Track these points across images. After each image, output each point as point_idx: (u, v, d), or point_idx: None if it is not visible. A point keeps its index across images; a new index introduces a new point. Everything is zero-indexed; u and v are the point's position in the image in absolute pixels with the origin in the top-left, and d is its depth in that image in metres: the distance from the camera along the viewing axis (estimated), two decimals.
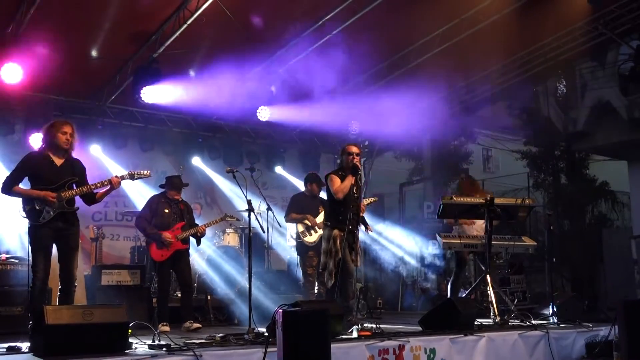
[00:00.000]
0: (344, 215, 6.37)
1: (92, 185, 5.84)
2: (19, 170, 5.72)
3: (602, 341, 6.47)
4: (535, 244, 8.15)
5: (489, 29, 9.15)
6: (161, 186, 7.66)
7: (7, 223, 8.31)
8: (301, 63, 9.69)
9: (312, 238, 8.42)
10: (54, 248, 5.72)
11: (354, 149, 6.70)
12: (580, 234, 13.55)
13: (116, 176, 6.03)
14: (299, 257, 8.73)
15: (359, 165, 6.66)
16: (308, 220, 8.39)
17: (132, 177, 6.33)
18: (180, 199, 7.60)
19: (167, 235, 7.13)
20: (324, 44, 9.23)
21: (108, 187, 5.92)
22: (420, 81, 10.63)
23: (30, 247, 5.61)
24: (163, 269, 7.24)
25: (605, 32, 9.78)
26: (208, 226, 7.85)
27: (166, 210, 7.35)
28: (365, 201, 8.20)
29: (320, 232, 8.20)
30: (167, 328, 6.71)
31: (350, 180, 6.48)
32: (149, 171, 6.53)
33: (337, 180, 6.52)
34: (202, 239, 7.74)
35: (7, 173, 5.92)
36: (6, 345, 4.82)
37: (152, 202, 7.46)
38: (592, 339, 6.60)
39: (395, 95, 11.06)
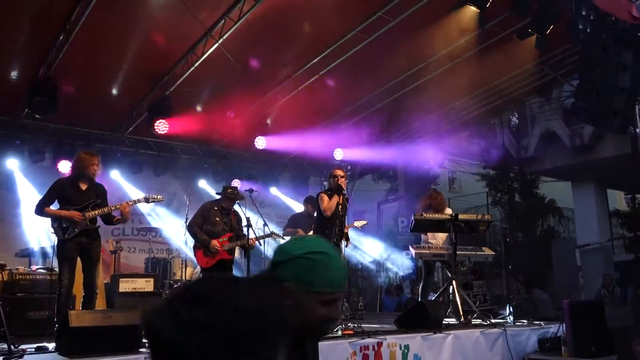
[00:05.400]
0: (330, 230, 6.38)
1: (107, 208, 5.82)
2: (49, 194, 5.72)
3: (552, 337, 6.46)
4: (494, 253, 8.15)
5: (454, 70, 9.23)
6: (218, 193, 7.16)
7: (38, 238, 8.26)
8: (293, 99, 9.72)
9: None
10: (79, 260, 5.69)
11: (339, 172, 6.76)
12: (532, 245, 13.62)
13: (123, 203, 5.93)
14: None
15: (343, 186, 6.67)
16: (298, 234, 8.39)
17: (147, 200, 6.32)
18: (232, 209, 7.04)
19: (215, 243, 6.61)
20: (312, 83, 9.27)
21: (120, 216, 5.89)
22: (395, 114, 10.74)
23: (57, 260, 5.59)
24: (207, 274, 6.64)
25: (551, 72, 9.89)
26: (258, 240, 7.27)
27: (217, 219, 6.82)
28: (357, 224, 8.21)
29: None
30: None
31: (335, 199, 6.50)
32: (162, 196, 6.51)
33: (325, 199, 6.55)
34: None
35: (38, 195, 5.92)
36: (35, 345, 4.75)
37: (204, 209, 6.92)
38: (543, 335, 6.59)
39: (373, 126, 11.16)
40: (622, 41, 7.42)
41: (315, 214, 8.10)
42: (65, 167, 9.21)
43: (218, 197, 7.22)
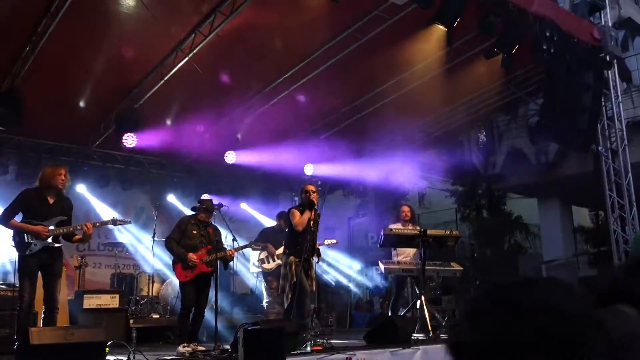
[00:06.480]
0: (301, 245, 6.38)
1: (72, 227, 5.71)
2: (15, 205, 5.58)
3: None
4: (462, 268, 8.25)
5: (422, 88, 9.36)
6: (193, 208, 7.00)
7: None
8: (263, 114, 9.73)
9: (269, 265, 8.39)
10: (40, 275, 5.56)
11: (311, 187, 6.80)
12: (500, 260, 13.79)
13: (88, 225, 5.82)
14: (263, 281, 8.70)
15: (315, 201, 6.68)
16: (268, 250, 8.37)
17: (114, 223, 6.23)
18: (210, 222, 6.89)
19: (192, 256, 6.39)
20: (283, 98, 9.31)
21: (81, 235, 5.78)
22: (365, 131, 10.82)
23: (18, 275, 5.45)
24: (186, 288, 6.46)
25: (516, 91, 10.11)
26: (237, 251, 7.20)
27: (194, 232, 6.63)
28: (327, 242, 8.22)
29: (278, 261, 8.17)
30: (188, 349, 5.94)
31: (307, 214, 6.50)
32: (129, 219, 6.43)
33: (297, 215, 6.56)
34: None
35: (1, 209, 5.80)
36: None
37: (181, 223, 6.76)
38: None
39: (344, 142, 11.23)
40: (584, 62, 7.67)
41: (287, 230, 8.09)
42: (29, 180, 9.00)
43: (192, 212, 7.10)
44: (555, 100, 7.57)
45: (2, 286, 6.79)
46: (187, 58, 7.84)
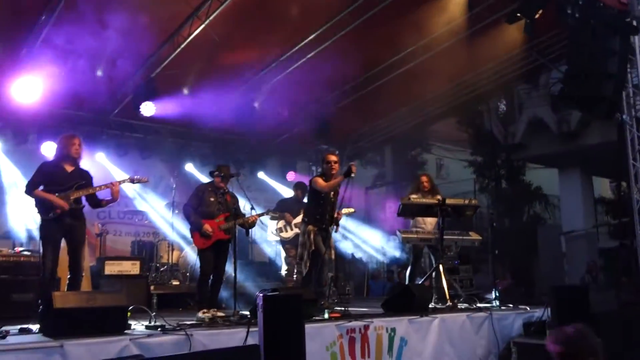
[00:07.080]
0: (320, 215, 6.38)
1: (92, 188, 5.84)
2: (37, 176, 5.75)
3: (537, 321, 6.53)
4: (481, 238, 8.17)
5: (441, 55, 9.19)
6: (210, 173, 6.79)
7: (19, 222, 8.20)
8: (281, 83, 9.66)
9: (287, 234, 8.43)
10: (63, 242, 5.68)
11: (333, 157, 6.73)
12: (519, 231, 13.71)
13: (114, 182, 5.96)
14: (282, 249, 8.79)
15: (354, 170, 6.41)
16: (286, 218, 8.40)
17: (132, 181, 6.31)
18: (227, 190, 6.71)
19: (207, 227, 6.27)
20: (299, 66, 9.21)
21: (110, 197, 5.89)
22: (384, 99, 10.71)
23: (41, 241, 5.58)
24: (204, 255, 6.38)
25: (539, 58, 9.89)
26: (260, 216, 7.11)
27: (212, 199, 6.50)
28: (344, 211, 8.12)
29: (296, 229, 8.21)
30: (208, 314, 5.90)
31: (339, 179, 6.44)
32: (147, 178, 6.46)
33: (321, 181, 6.53)
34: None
35: (21, 176, 5.92)
36: (19, 326, 4.71)
37: (198, 190, 6.63)
38: (528, 319, 6.66)
39: (362, 111, 11.14)
40: (610, 27, 7.43)
41: (305, 199, 8.08)
42: (48, 149, 9.08)
43: (209, 180, 7.06)
44: (579, 67, 7.36)
45: (26, 252, 6.93)
46: (203, 25, 7.78)
